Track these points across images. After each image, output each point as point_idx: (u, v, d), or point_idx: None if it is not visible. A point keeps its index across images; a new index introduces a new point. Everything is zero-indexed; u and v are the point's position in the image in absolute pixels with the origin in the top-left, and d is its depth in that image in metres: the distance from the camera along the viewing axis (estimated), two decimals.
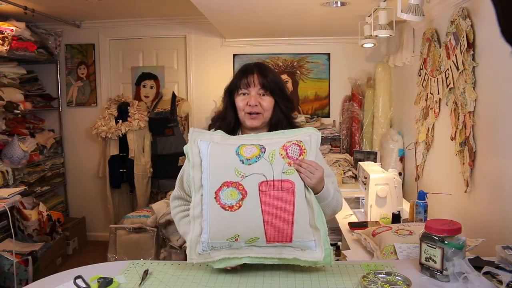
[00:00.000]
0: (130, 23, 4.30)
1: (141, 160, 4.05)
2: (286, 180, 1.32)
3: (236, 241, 1.33)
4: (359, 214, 2.64)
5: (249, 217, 1.31)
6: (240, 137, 1.44)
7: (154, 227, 3.38)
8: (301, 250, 1.33)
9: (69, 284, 1.31)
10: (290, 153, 1.34)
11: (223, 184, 1.32)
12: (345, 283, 1.32)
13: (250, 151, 1.34)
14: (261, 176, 1.31)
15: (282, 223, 1.30)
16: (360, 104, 3.99)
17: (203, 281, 1.36)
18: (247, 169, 1.32)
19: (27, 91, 4.03)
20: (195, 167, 1.37)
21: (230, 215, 1.31)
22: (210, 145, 1.37)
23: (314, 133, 1.40)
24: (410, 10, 2.16)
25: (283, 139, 1.38)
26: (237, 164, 1.32)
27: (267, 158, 1.32)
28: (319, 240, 1.32)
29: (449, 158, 2.38)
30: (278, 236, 1.32)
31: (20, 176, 3.78)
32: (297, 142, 1.37)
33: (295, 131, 1.43)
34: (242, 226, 1.31)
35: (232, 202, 1.31)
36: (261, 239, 1.33)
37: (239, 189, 1.31)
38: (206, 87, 4.31)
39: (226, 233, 1.33)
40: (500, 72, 1.86)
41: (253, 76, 1.50)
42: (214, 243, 1.34)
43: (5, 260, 2.96)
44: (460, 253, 1.32)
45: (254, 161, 1.32)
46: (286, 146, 1.36)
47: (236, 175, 1.32)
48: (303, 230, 1.31)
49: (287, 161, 1.33)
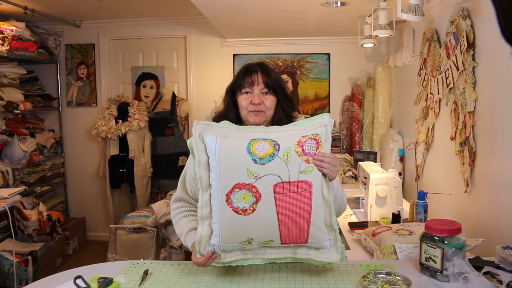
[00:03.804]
0: (130, 23, 4.30)
1: (141, 160, 4.05)
2: (303, 180, 1.23)
3: (250, 243, 1.28)
4: (359, 214, 2.64)
5: (263, 221, 1.23)
6: (249, 128, 1.35)
7: (154, 227, 3.38)
8: (316, 249, 1.29)
9: (69, 284, 1.31)
10: (307, 149, 1.24)
11: (234, 186, 1.23)
12: (345, 283, 1.32)
13: (263, 148, 1.23)
14: (276, 177, 1.22)
15: (298, 226, 1.24)
16: (360, 104, 3.99)
17: (203, 281, 1.36)
18: (261, 170, 1.22)
19: (27, 91, 4.03)
20: (202, 165, 1.27)
21: (244, 219, 1.23)
22: (218, 140, 1.26)
23: (329, 122, 1.31)
24: (410, 10, 2.16)
25: (297, 133, 1.28)
26: (249, 164, 1.22)
27: (281, 157, 1.22)
28: (335, 239, 1.28)
29: (449, 158, 2.38)
30: (293, 238, 1.26)
31: (20, 176, 3.78)
32: (314, 136, 1.27)
33: (307, 122, 1.34)
34: (256, 230, 1.25)
35: (245, 206, 1.22)
36: (275, 241, 1.27)
37: (253, 191, 1.22)
38: (206, 87, 4.31)
39: (239, 236, 1.26)
40: (500, 72, 1.86)
41: (257, 75, 1.50)
42: (227, 246, 1.28)
43: (5, 260, 2.96)
44: (460, 253, 1.32)
45: (268, 161, 1.22)
46: (301, 141, 1.25)
47: (248, 176, 1.22)
48: (318, 231, 1.26)
49: (304, 159, 1.24)
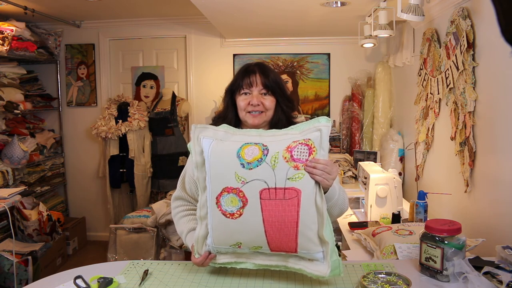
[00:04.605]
0: (130, 23, 4.30)
1: (141, 160, 4.05)
2: (291, 188, 1.19)
3: (239, 247, 1.28)
4: (359, 214, 2.64)
5: (250, 226, 1.23)
6: (246, 132, 1.35)
7: (154, 227, 3.39)
8: (309, 260, 1.25)
9: (69, 284, 1.31)
10: (296, 155, 1.21)
11: (223, 190, 1.24)
12: (345, 283, 1.32)
13: (252, 153, 1.23)
14: (262, 183, 1.20)
15: (285, 234, 1.22)
16: (360, 104, 3.99)
17: (203, 281, 1.36)
18: (248, 174, 1.21)
19: (27, 91, 4.03)
20: (199, 167, 1.30)
21: (231, 223, 1.24)
22: (212, 144, 1.28)
23: (325, 126, 1.25)
24: (410, 10, 2.16)
25: (290, 137, 1.26)
26: (237, 168, 1.22)
27: (269, 162, 1.21)
28: (327, 252, 1.22)
29: (449, 158, 2.38)
30: (281, 246, 1.24)
31: (20, 176, 3.78)
32: (305, 141, 1.23)
33: (303, 126, 1.30)
34: (243, 234, 1.25)
35: (232, 210, 1.23)
36: (264, 247, 1.26)
37: (240, 196, 1.22)
38: (206, 87, 4.31)
39: (228, 239, 1.28)
40: (500, 72, 1.86)
41: (255, 75, 1.49)
42: (219, 247, 1.30)
43: (5, 260, 2.96)
44: (460, 253, 1.32)
45: (255, 166, 1.21)
46: (291, 147, 1.22)
47: (236, 180, 1.22)
48: (309, 242, 1.21)
49: (293, 165, 1.20)
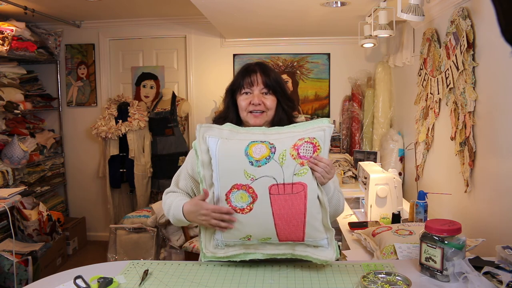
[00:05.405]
0: (130, 23, 4.30)
1: (141, 160, 4.05)
2: (298, 182, 1.29)
3: (249, 240, 1.36)
4: (359, 214, 2.64)
5: (260, 220, 1.31)
6: (250, 130, 1.40)
7: (154, 227, 3.39)
8: (314, 247, 1.35)
9: (69, 284, 1.31)
10: (302, 153, 1.29)
11: (233, 187, 1.31)
12: (345, 283, 1.32)
13: (260, 151, 1.30)
14: (271, 179, 1.28)
15: (294, 225, 1.30)
16: (360, 104, 3.99)
17: (203, 281, 1.36)
18: (257, 172, 1.29)
19: (27, 91, 4.03)
20: (205, 165, 1.36)
21: (242, 217, 1.32)
22: (219, 142, 1.34)
23: (328, 127, 1.34)
24: (410, 10, 2.16)
25: (295, 135, 1.34)
26: (246, 166, 1.29)
27: (277, 159, 1.28)
28: (332, 239, 1.34)
29: (449, 158, 2.38)
30: (290, 236, 1.33)
31: (20, 176, 3.78)
32: (310, 140, 1.31)
33: (307, 124, 1.37)
34: (253, 228, 1.33)
35: (242, 205, 1.31)
36: (273, 238, 1.34)
37: (249, 192, 1.30)
38: (206, 87, 4.31)
39: (238, 233, 1.35)
40: (500, 72, 1.86)
41: (256, 75, 1.50)
42: (228, 241, 1.38)
43: (5, 260, 2.96)
44: (460, 253, 1.32)
45: (264, 163, 1.28)
46: (297, 145, 1.31)
47: (245, 177, 1.29)
48: (315, 231, 1.32)
49: (299, 162, 1.29)
